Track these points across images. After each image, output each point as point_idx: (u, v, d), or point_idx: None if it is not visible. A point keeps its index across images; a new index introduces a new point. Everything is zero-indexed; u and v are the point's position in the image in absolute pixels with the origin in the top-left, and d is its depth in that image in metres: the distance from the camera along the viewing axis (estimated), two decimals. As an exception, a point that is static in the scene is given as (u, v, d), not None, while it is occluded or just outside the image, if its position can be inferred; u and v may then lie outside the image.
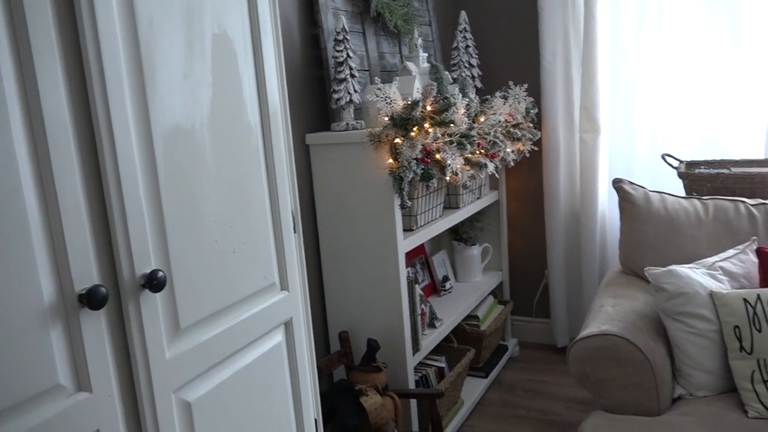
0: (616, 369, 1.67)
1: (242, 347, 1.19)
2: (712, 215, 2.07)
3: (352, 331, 2.15)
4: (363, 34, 2.36)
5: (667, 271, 1.76)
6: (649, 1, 2.66)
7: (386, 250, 2.05)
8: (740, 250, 1.88)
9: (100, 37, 0.90)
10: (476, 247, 2.92)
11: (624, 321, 1.77)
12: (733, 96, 2.59)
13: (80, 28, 0.88)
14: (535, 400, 2.67)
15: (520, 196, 3.13)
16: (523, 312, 3.23)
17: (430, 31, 2.83)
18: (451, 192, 2.54)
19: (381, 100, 1.92)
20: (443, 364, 2.45)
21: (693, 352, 1.70)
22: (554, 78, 2.82)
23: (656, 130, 2.75)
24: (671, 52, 2.66)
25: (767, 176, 2.21)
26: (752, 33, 2.51)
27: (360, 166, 2.02)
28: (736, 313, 1.65)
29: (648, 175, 2.74)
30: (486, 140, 2.31)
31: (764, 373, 1.60)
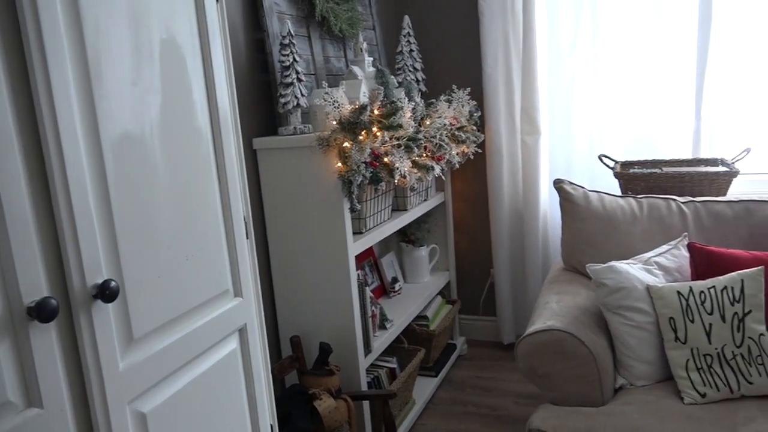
0: (562, 362, 1.73)
1: (197, 355, 1.17)
2: (646, 213, 2.17)
3: (304, 336, 2.14)
4: (308, 38, 2.36)
5: (607, 267, 1.84)
6: (583, 9, 2.77)
7: (336, 253, 2.06)
8: (673, 245, 1.98)
9: (44, 41, 0.87)
10: (424, 248, 2.96)
11: (568, 316, 1.84)
12: (663, 99, 2.73)
13: (23, 31, 0.85)
14: (484, 397, 2.74)
15: (466, 198, 3.20)
16: (471, 311, 3.30)
17: (375, 36, 2.86)
18: (399, 194, 2.57)
19: (329, 104, 1.93)
20: (394, 364, 2.48)
21: (632, 344, 1.79)
22: (496, 82, 2.90)
23: (593, 132, 2.87)
24: (605, 58, 2.78)
25: (695, 175, 2.34)
26: (679, 41, 2.65)
27: (309, 170, 2.02)
28: (671, 305, 1.75)
29: (586, 175, 2.85)
30: (432, 143, 2.36)
31: (698, 361, 1.70)
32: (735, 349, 1.68)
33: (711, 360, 1.69)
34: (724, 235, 2.03)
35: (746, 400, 1.66)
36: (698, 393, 1.67)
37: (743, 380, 1.66)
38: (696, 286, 1.75)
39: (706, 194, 2.31)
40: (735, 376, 1.66)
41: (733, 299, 1.70)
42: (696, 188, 2.33)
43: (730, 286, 1.72)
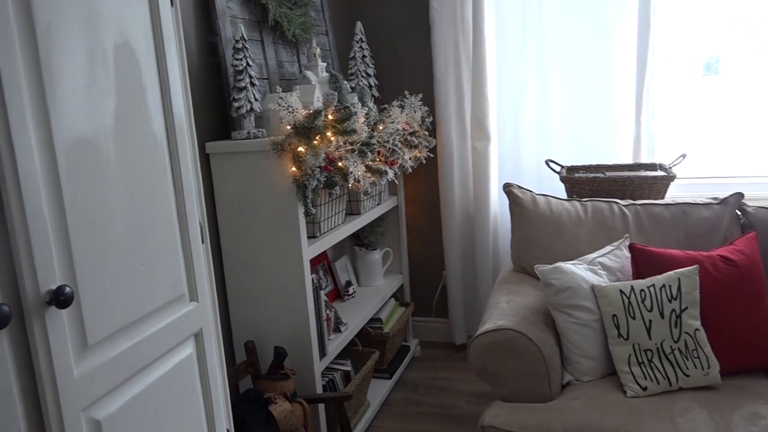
0: (512, 360, 1.79)
1: (153, 361, 1.17)
2: (590, 215, 2.26)
3: (259, 340, 2.14)
4: (261, 43, 2.36)
5: (554, 267, 1.91)
6: (530, 18, 2.87)
7: (291, 257, 2.07)
8: (615, 246, 2.08)
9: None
10: (377, 252, 2.99)
11: (517, 316, 1.90)
12: (606, 107, 2.85)
13: (-26, 35, 0.84)
14: (438, 397, 2.78)
15: (418, 201, 3.25)
16: (424, 313, 3.35)
17: (327, 41, 2.88)
18: (353, 198, 2.59)
19: (283, 109, 1.94)
20: (349, 367, 2.50)
21: (578, 341, 1.87)
22: (447, 88, 2.96)
23: (540, 138, 2.97)
24: (551, 67, 2.89)
25: (635, 179, 2.46)
26: (619, 51, 2.78)
27: (263, 175, 2.03)
28: (614, 303, 1.83)
29: (534, 180, 2.94)
30: (385, 148, 2.39)
31: (639, 356, 1.78)
32: (673, 344, 1.77)
33: (651, 355, 1.78)
34: (662, 236, 2.14)
35: (683, 392, 1.75)
36: (640, 386, 1.75)
37: (681, 373, 1.75)
38: (637, 284, 1.84)
39: (645, 197, 2.42)
40: (673, 370, 1.76)
41: (670, 296, 1.79)
42: (636, 192, 2.44)
43: (668, 284, 1.81)
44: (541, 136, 2.96)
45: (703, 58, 3.52)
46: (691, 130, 2.98)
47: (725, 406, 1.67)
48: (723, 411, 1.64)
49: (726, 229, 2.12)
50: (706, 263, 1.87)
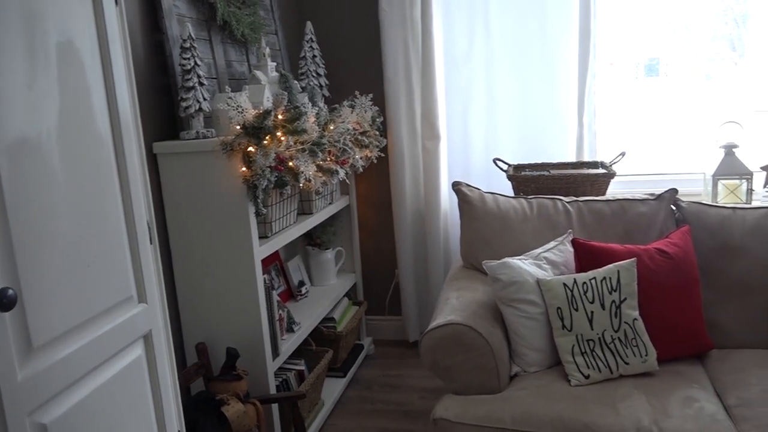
0: (462, 354, 1.84)
1: (101, 363, 1.15)
2: (536, 212, 2.34)
3: (210, 342, 2.12)
4: (210, 42, 2.34)
5: (501, 263, 1.97)
6: (477, 21, 2.93)
7: (242, 257, 2.06)
8: (559, 241, 2.15)
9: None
10: (330, 251, 3.00)
11: (467, 310, 1.95)
12: (550, 107, 2.93)
13: None
14: (392, 394, 2.82)
15: (370, 200, 3.28)
16: (377, 311, 3.38)
17: (277, 41, 2.87)
18: (304, 198, 2.60)
19: (232, 109, 1.93)
20: (303, 367, 2.50)
21: (525, 334, 1.93)
22: (397, 88, 3.00)
23: (488, 137, 3.04)
24: (497, 68, 2.96)
25: (578, 177, 2.55)
26: (562, 53, 2.87)
27: (212, 175, 2.01)
28: (558, 296, 1.90)
29: (482, 178, 3.01)
30: (336, 147, 2.41)
31: (582, 346, 1.86)
32: (613, 334, 1.85)
33: (593, 344, 1.85)
34: (603, 231, 2.23)
35: (623, 379, 1.83)
36: (583, 375, 1.83)
37: (621, 361, 1.84)
38: (579, 277, 1.92)
39: (587, 194, 2.52)
40: (614, 358, 1.84)
41: (611, 288, 1.88)
42: (579, 189, 2.53)
43: (608, 276, 1.90)
44: (488, 136, 3.04)
45: (644, 60, 3.68)
46: (631, 129, 3.11)
47: (662, 391, 1.76)
48: (660, 396, 1.73)
49: (662, 223, 2.23)
50: (643, 256, 1.97)
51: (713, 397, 1.76)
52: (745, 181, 2.53)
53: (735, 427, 1.62)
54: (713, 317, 2.08)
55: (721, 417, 1.65)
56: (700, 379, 1.85)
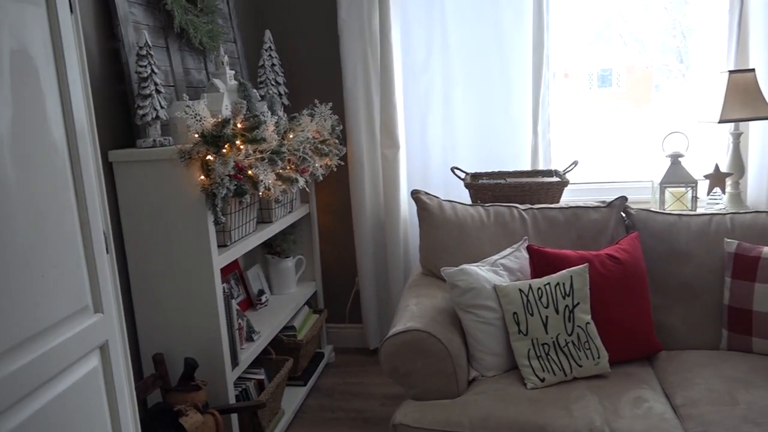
0: (422, 360, 1.86)
1: (55, 375, 1.13)
2: (493, 219, 2.39)
3: (168, 352, 2.10)
4: (167, 50, 2.32)
5: (459, 270, 2.01)
6: (434, 32, 2.99)
7: (201, 266, 2.05)
8: (515, 248, 2.21)
9: None
10: (290, 260, 3.00)
11: (426, 317, 1.98)
12: (506, 117, 3.01)
13: None
14: (352, 402, 2.82)
15: (330, 209, 3.29)
16: (337, 319, 3.38)
17: (236, 49, 2.86)
18: (264, 207, 2.59)
19: (190, 117, 1.92)
20: (263, 376, 2.49)
21: (483, 339, 1.97)
22: (356, 97, 3.03)
23: (446, 146, 3.09)
24: (454, 78, 3.02)
25: (533, 185, 2.62)
26: (517, 62, 2.95)
27: (170, 183, 2.00)
28: (515, 301, 1.95)
29: (441, 186, 3.06)
30: (296, 156, 2.41)
31: (537, 350, 1.91)
32: (567, 337, 1.91)
33: (548, 348, 1.91)
34: (557, 238, 2.30)
35: (577, 381, 1.89)
36: (538, 378, 1.88)
37: (574, 364, 1.89)
38: (534, 283, 1.97)
39: (542, 202, 2.58)
40: (568, 361, 1.89)
41: (564, 293, 1.93)
42: (534, 197, 2.60)
43: (561, 282, 1.95)
44: (447, 145, 3.09)
45: (597, 71, 3.81)
46: (584, 139, 3.21)
47: (613, 392, 1.82)
48: (611, 397, 1.79)
49: (613, 230, 2.31)
50: (595, 262, 2.03)
51: (662, 397, 1.83)
52: (691, 189, 2.64)
53: (681, 425, 1.69)
54: (661, 320, 2.17)
55: (668, 416, 1.72)
56: (650, 380, 1.93)
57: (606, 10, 3.30)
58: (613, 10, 3.28)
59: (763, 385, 1.78)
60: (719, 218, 2.26)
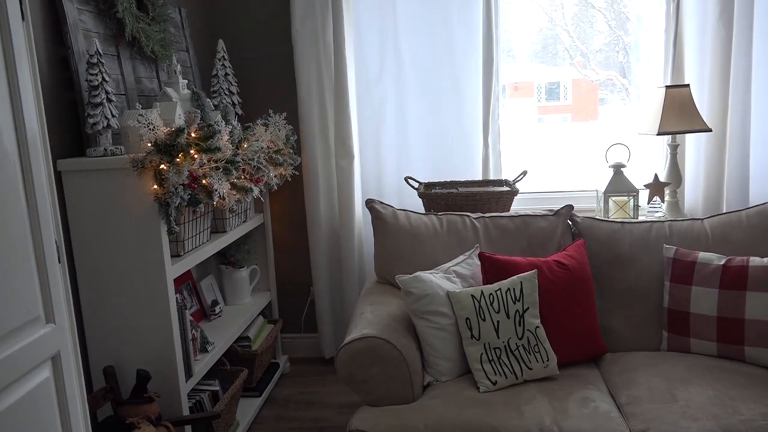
0: (377, 366, 1.89)
1: (6, 386, 1.11)
2: (446, 228, 2.44)
3: (119, 365, 2.06)
4: (118, 58, 2.29)
5: (413, 277, 2.05)
6: (387, 44, 3.04)
7: (154, 277, 2.02)
8: (467, 255, 2.27)
9: None
10: (244, 270, 2.98)
11: (381, 324, 2.01)
12: (458, 128, 3.08)
13: None
14: (308, 411, 2.82)
15: (285, 218, 3.29)
16: (292, 329, 3.38)
17: (188, 58, 2.85)
18: (218, 216, 2.58)
19: (143, 126, 1.90)
20: (217, 387, 2.47)
21: (437, 344, 2.01)
22: (310, 108, 3.05)
23: (400, 156, 3.14)
24: (408, 90, 3.07)
25: (484, 194, 2.69)
26: (468, 75, 3.03)
27: (121, 193, 1.97)
28: (467, 307, 2.00)
29: (395, 196, 3.11)
30: (250, 166, 2.41)
31: (489, 354, 1.96)
32: (518, 341, 1.97)
33: (500, 352, 1.96)
34: (507, 245, 2.37)
35: (527, 384, 1.95)
36: (491, 381, 1.93)
37: (525, 367, 1.96)
38: (486, 289, 2.03)
39: (493, 210, 2.66)
40: (518, 364, 1.95)
41: (514, 298, 2.00)
42: (485, 206, 2.67)
43: (512, 287, 2.02)
44: (400, 155, 3.14)
45: (546, 84, 3.94)
46: (532, 150, 3.31)
47: (562, 393, 1.89)
48: (560, 397, 1.86)
49: (560, 237, 2.40)
50: (543, 268, 2.11)
51: (607, 397, 1.91)
52: (632, 197, 2.77)
53: (626, 422, 1.77)
54: (606, 323, 2.26)
55: (614, 414, 1.79)
56: (596, 380, 2.01)
57: (553, 25, 3.43)
58: (560, 26, 3.41)
59: (699, 383, 1.88)
60: (659, 225, 2.37)
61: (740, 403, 1.76)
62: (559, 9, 3.40)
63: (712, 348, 2.07)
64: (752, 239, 2.25)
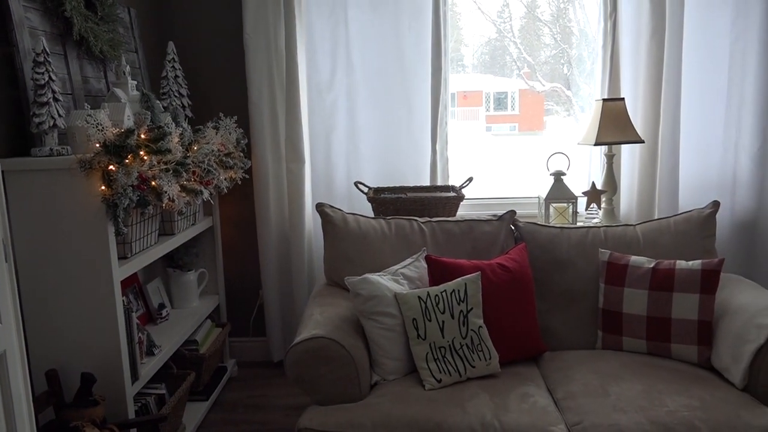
0: (326, 366, 1.93)
1: (-51, 386, 1.10)
2: (394, 232, 2.51)
3: (63, 368, 2.02)
4: (65, 57, 2.27)
5: (362, 279, 2.11)
6: (339, 51, 3.09)
7: (100, 278, 2.00)
8: (415, 258, 2.33)
9: None
10: (192, 273, 2.97)
11: (330, 325, 2.05)
12: (407, 135, 3.15)
13: None
14: (256, 414, 2.82)
15: (234, 222, 3.28)
16: (241, 333, 3.37)
17: (137, 59, 2.82)
18: (166, 219, 2.56)
19: (92, 127, 1.89)
20: (164, 390, 2.44)
21: (384, 344, 2.07)
22: (261, 112, 3.07)
23: (350, 161, 3.19)
24: (358, 96, 3.13)
25: (432, 199, 2.77)
26: (417, 84, 3.11)
27: (68, 194, 1.95)
28: (414, 308, 2.06)
29: (344, 200, 3.16)
30: (200, 168, 2.42)
31: (435, 353, 2.03)
32: (462, 341, 2.05)
33: (445, 351, 2.03)
34: (453, 248, 2.45)
35: (471, 381, 2.03)
36: (436, 379, 2.00)
37: (468, 365, 2.03)
38: (432, 290, 2.10)
39: (440, 215, 2.74)
40: (462, 363, 2.03)
41: (459, 300, 2.08)
42: (432, 210, 2.75)
43: (457, 289, 2.09)
44: (350, 160, 3.19)
45: (494, 94, 4.07)
46: (479, 157, 3.42)
47: (503, 389, 1.97)
48: (501, 394, 1.94)
49: (503, 241, 2.50)
50: (487, 270, 2.20)
51: (545, 393, 2.00)
52: (571, 204, 2.90)
53: (561, 416, 1.87)
54: (546, 323, 2.37)
55: (551, 409, 1.89)
56: (535, 377, 2.10)
57: (502, 37, 3.56)
58: (509, 38, 3.54)
59: (630, 379, 2.00)
60: (595, 230, 2.50)
61: (666, 396, 1.88)
62: (507, 21, 3.53)
63: (642, 346, 2.20)
64: (679, 244, 2.40)
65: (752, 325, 1.97)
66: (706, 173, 3.15)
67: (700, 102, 3.08)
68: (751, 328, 1.97)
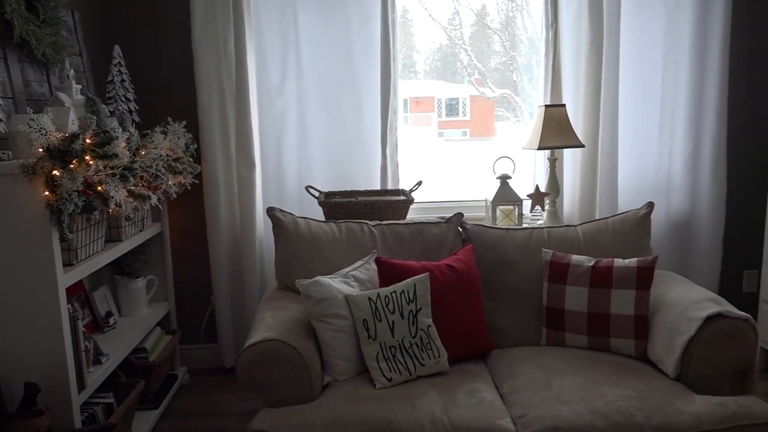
0: (278, 368, 1.94)
1: None
2: (345, 235, 2.54)
3: (6, 379, 1.97)
4: (5, 60, 2.21)
5: (313, 281, 2.13)
6: (289, 56, 3.11)
7: (44, 286, 1.96)
8: (365, 261, 2.37)
9: None
10: (140, 280, 2.92)
11: (281, 327, 2.07)
12: (358, 140, 3.19)
13: None
14: (208, 421, 2.80)
15: (184, 227, 3.25)
16: (191, 339, 3.33)
17: (82, 63, 2.77)
18: (113, 225, 2.52)
19: (35, 131, 1.86)
20: (111, 399, 2.40)
21: (335, 346, 2.10)
22: (211, 117, 3.05)
23: (301, 166, 3.21)
24: (309, 102, 3.15)
25: (382, 203, 2.82)
26: (367, 89, 3.15)
27: (9, 199, 1.90)
28: (364, 309, 2.10)
29: (296, 204, 3.17)
30: (148, 173, 2.39)
31: (385, 353, 2.07)
32: (411, 340, 2.09)
33: (395, 350, 2.08)
34: (402, 250, 2.50)
35: (420, 379, 2.08)
36: (386, 378, 2.04)
37: (418, 364, 2.08)
38: (382, 291, 2.14)
39: (390, 218, 2.79)
40: (412, 361, 2.08)
41: (408, 300, 2.12)
42: (383, 214, 2.80)
43: (406, 289, 2.14)
44: (301, 165, 3.21)
45: (445, 99, 4.16)
46: (428, 161, 3.49)
47: (452, 386, 2.03)
48: (450, 390, 2.00)
49: (451, 243, 2.56)
50: (435, 271, 2.25)
51: (492, 388, 2.07)
52: (517, 206, 2.99)
53: (507, 409, 1.94)
54: (493, 322, 2.44)
55: (497, 403, 1.96)
56: (483, 374, 2.17)
57: (453, 44, 3.64)
58: (459, 45, 3.63)
59: (572, 372, 2.09)
60: (539, 231, 2.60)
61: (605, 387, 1.97)
62: (458, 29, 3.62)
63: (583, 341, 2.30)
64: (617, 243, 2.52)
65: (684, 318, 2.09)
66: (642, 176, 3.30)
67: (637, 109, 3.23)
68: (682, 321, 2.09)
